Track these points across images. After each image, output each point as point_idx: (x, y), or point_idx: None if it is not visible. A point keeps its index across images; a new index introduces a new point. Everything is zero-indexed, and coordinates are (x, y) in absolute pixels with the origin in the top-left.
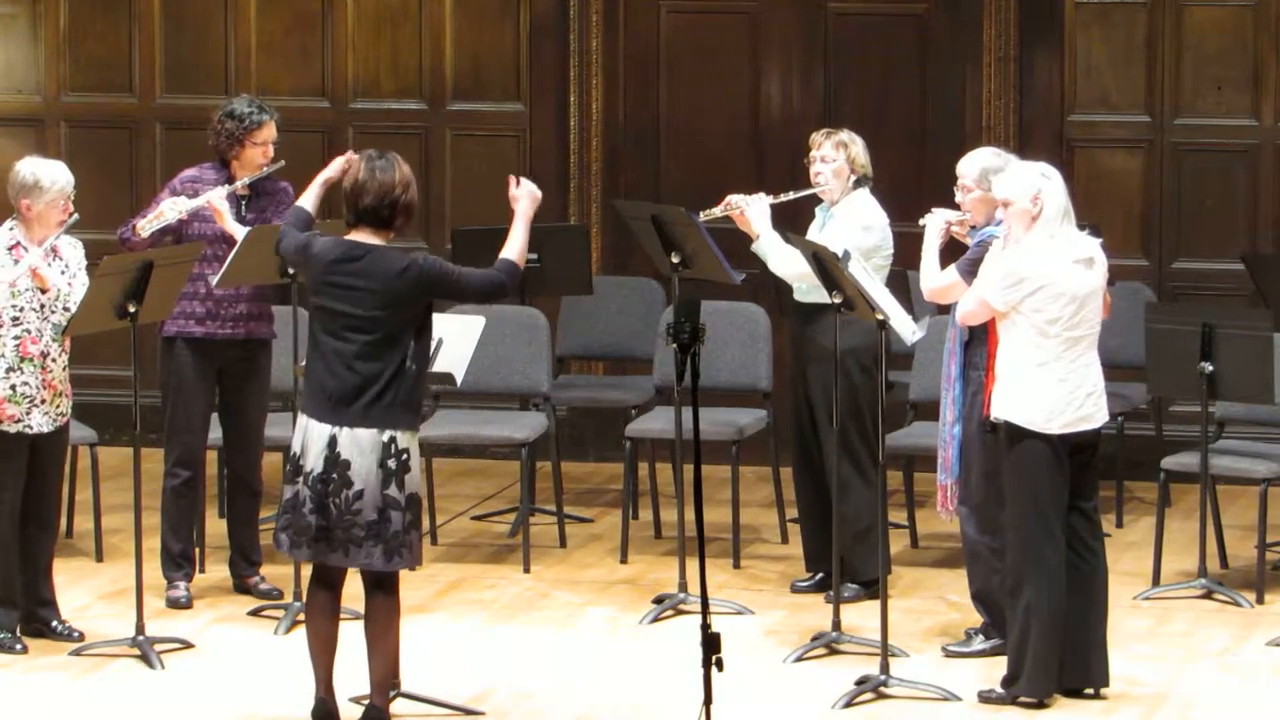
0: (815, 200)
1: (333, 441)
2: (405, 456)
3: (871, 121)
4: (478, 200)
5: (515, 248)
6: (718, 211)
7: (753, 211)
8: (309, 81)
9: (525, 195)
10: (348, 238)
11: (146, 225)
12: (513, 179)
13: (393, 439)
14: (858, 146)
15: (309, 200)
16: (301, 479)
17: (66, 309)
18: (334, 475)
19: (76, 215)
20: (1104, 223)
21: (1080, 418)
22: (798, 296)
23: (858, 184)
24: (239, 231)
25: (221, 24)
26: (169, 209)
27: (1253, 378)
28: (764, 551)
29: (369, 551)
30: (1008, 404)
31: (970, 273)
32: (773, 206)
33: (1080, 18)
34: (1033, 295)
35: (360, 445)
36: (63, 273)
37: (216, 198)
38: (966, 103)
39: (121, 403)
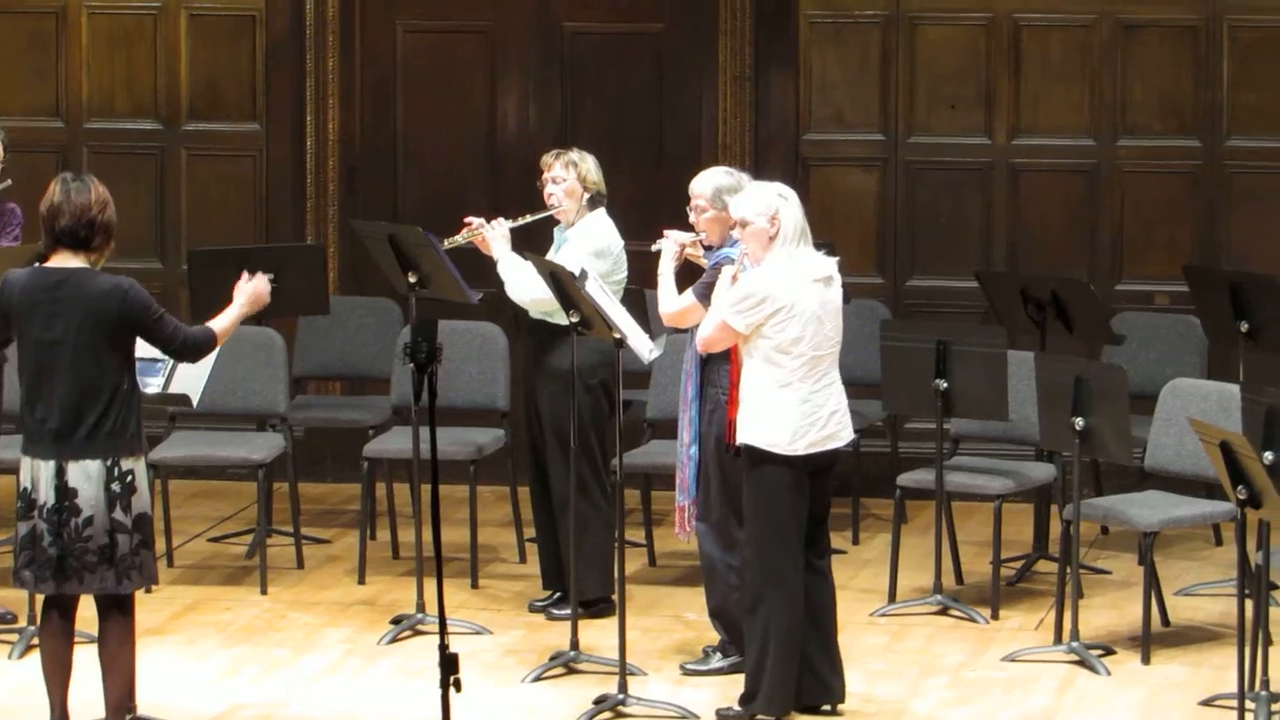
0: (555, 222)
1: (60, 471)
2: (130, 478)
3: (609, 141)
4: (214, 221)
5: (223, 324)
6: (459, 239)
7: (492, 236)
8: (42, 101)
9: (250, 291)
10: (47, 264)
11: None
12: (246, 274)
13: (116, 463)
14: (588, 164)
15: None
16: (36, 512)
17: None
18: (65, 504)
19: None
20: (839, 241)
21: (825, 436)
22: (533, 314)
23: (593, 203)
24: None
25: None
26: None
27: (986, 394)
28: (502, 571)
29: (102, 576)
30: (751, 428)
31: (707, 296)
32: (513, 230)
33: (815, 37)
34: (774, 316)
35: (87, 473)
36: None
37: None
38: (703, 122)
39: None
